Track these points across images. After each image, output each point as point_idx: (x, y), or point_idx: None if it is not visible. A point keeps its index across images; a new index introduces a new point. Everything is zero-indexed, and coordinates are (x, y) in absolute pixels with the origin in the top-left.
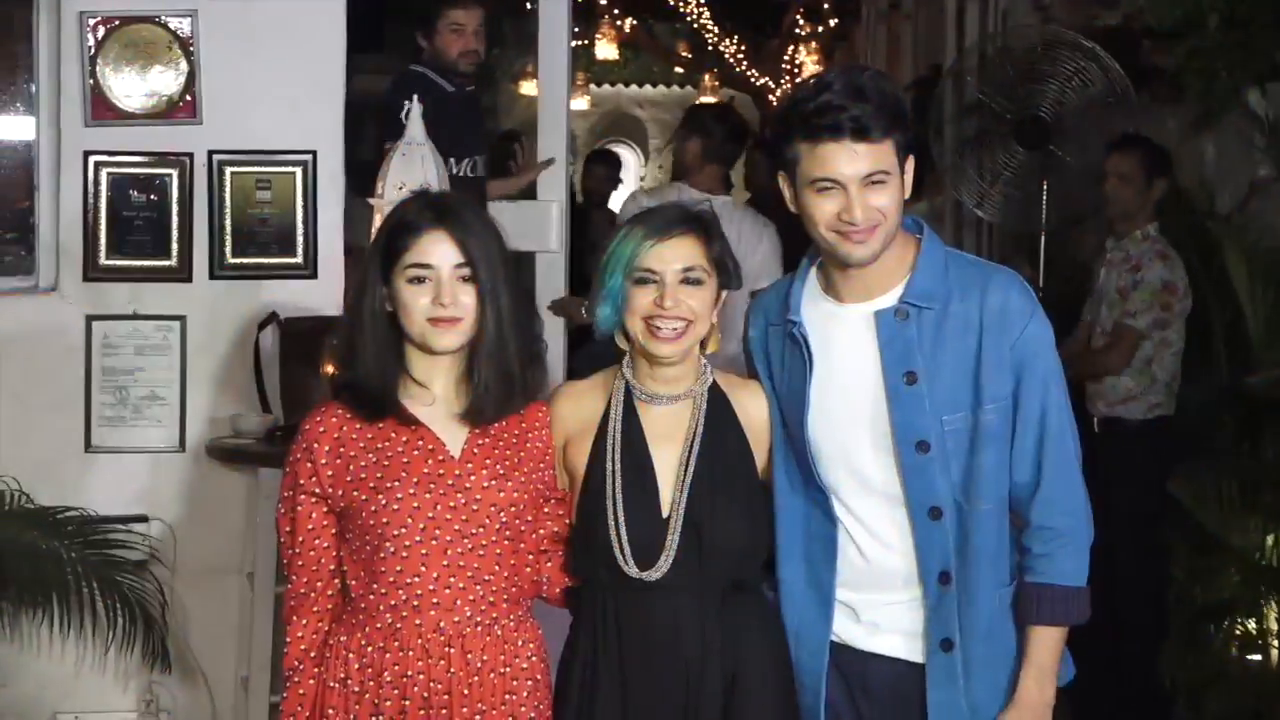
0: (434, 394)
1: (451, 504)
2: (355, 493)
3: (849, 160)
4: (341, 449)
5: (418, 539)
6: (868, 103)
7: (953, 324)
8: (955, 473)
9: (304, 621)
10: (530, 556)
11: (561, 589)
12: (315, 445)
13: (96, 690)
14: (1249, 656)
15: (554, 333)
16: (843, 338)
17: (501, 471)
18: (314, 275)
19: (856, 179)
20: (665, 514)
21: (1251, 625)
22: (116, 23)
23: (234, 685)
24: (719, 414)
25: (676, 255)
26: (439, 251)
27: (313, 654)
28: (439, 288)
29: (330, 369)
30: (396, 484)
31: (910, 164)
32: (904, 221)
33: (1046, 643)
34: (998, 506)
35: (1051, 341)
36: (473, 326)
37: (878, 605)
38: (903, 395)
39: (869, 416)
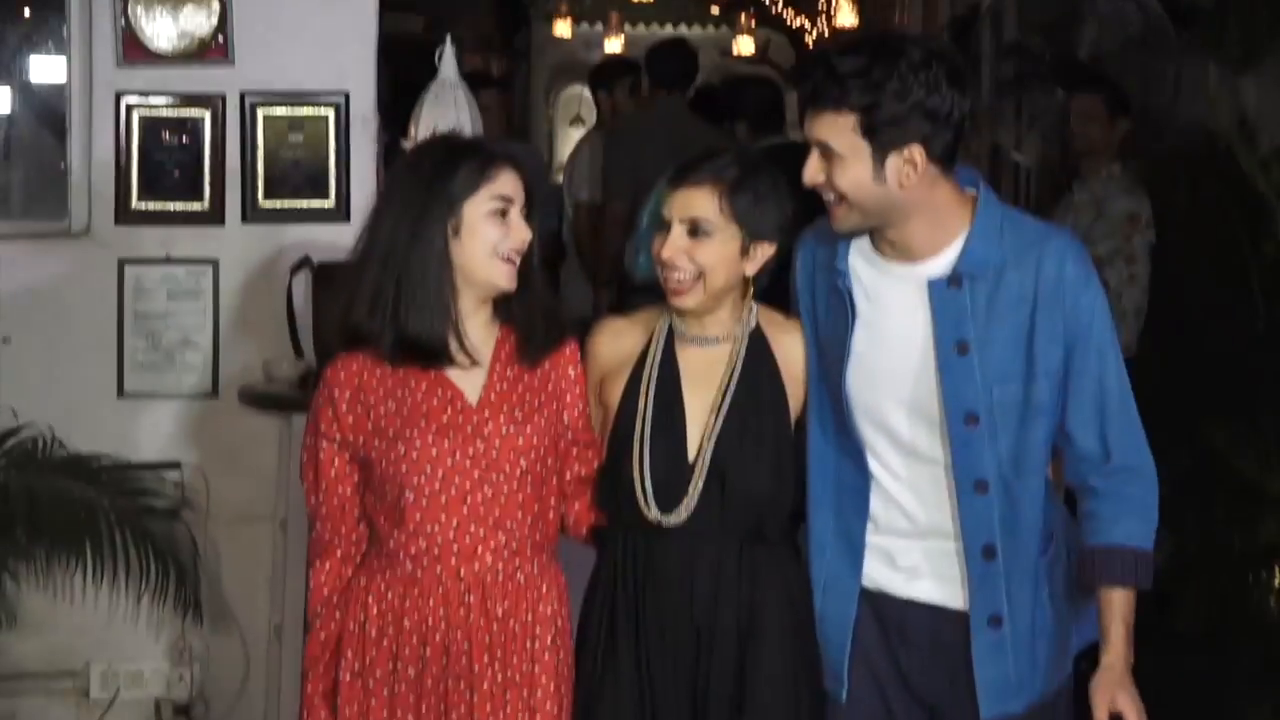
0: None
1: (471, 452)
2: (376, 441)
3: (806, 122)
4: (363, 396)
5: (437, 488)
6: (836, 74)
7: (1007, 294)
8: (1004, 446)
9: (326, 567)
10: (553, 501)
11: (588, 527)
12: (337, 393)
13: (129, 639)
14: None
15: None
16: (892, 299)
17: (520, 416)
18: (347, 218)
19: (811, 140)
20: (691, 458)
21: None
22: None
23: (267, 633)
24: (757, 359)
25: (685, 204)
26: (515, 185)
27: (335, 599)
28: (512, 224)
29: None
30: (415, 432)
31: (915, 154)
32: (959, 174)
33: (1129, 603)
34: (1042, 479)
35: (1106, 311)
36: None
37: (914, 550)
38: (954, 365)
39: (910, 382)
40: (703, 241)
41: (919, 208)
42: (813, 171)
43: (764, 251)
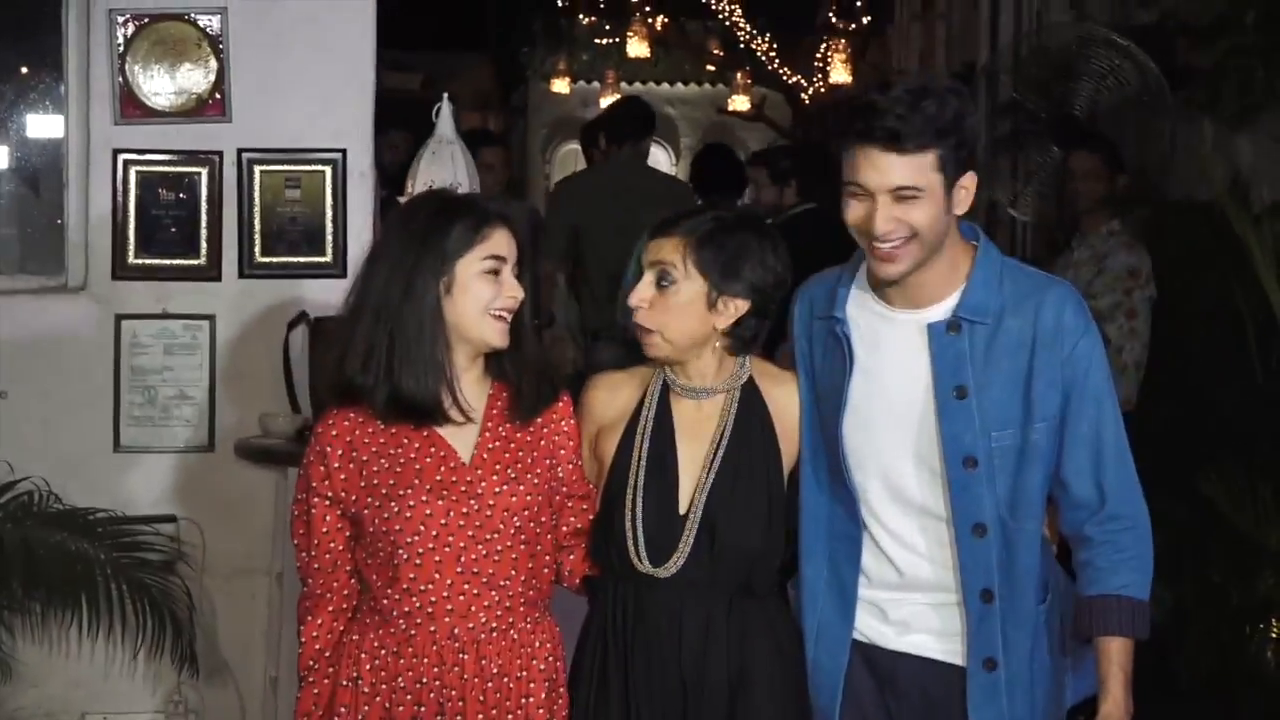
0: (466, 397)
1: (464, 510)
2: (369, 499)
3: (878, 169)
4: (354, 453)
5: (430, 547)
6: (914, 112)
7: (1005, 339)
8: (1001, 490)
9: (319, 621)
10: (548, 557)
11: (581, 578)
12: (329, 449)
13: (125, 691)
14: None
15: None
16: (891, 344)
17: (513, 475)
18: (343, 274)
19: (884, 189)
20: (683, 511)
21: None
22: (146, 20)
23: (263, 686)
24: (750, 412)
25: (656, 251)
26: (508, 245)
27: (327, 654)
28: (505, 282)
29: (346, 373)
30: (408, 491)
31: (969, 180)
32: (961, 228)
33: (1128, 652)
34: (1039, 524)
35: (1103, 359)
36: None
37: (905, 604)
38: (953, 409)
39: (914, 428)
40: (667, 291)
41: (947, 245)
42: (887, 218)
43: (735, 307)
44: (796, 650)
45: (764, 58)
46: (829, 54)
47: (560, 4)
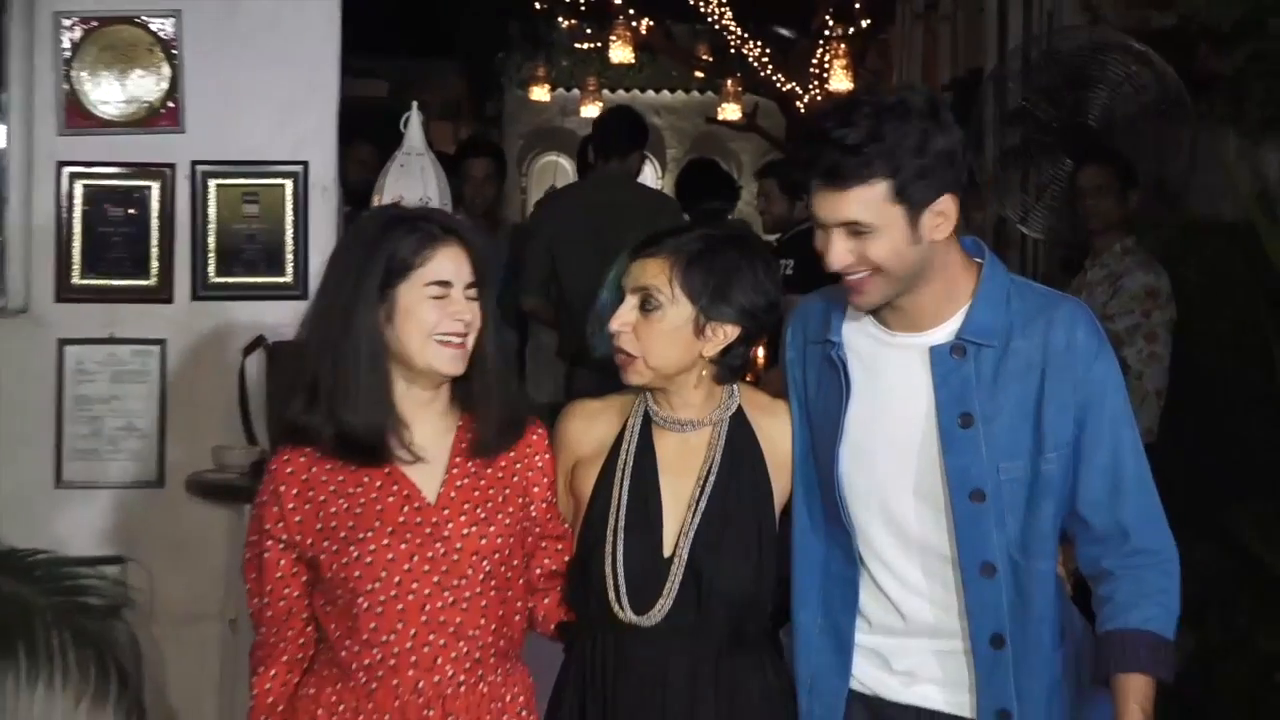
0: (414, 434)
1: (429, 555)
2: (325, 542)
3: (826, 204)
4: (310, 493)
5: (393, 594)
6: (864, 144)
7: (1013, 363)
8: (1012, 527)
9: (271, 673)
10: (519, 603)
11: (556, 623)
12: (283, 488)
13: None
14: None
15: None
16: (891, 370)
17: (482, 515)
18: (304, 295)
19: (832, 223)
20: (668, 554)
21: None
22: (94, 24)
23: None
24: (739, 445)
25: (639, 273)
26: (457, 267)
27: (280, 708)
28: (452, 306)
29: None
30: (369, 535)
31: (945, 204)
32: (964, 243)
33: (1148, 692)
34: (1052, 563)
35: (1120, 381)
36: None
37: (910, 653)
38: (957, 439)
39: (915, 460)
40: (652, 315)
41: (938, 268)
42: (842, 253)
43: (724, 333)
44: (789, 703)
45: (756, 63)
46: (828, 59)
47: (538, 6)
